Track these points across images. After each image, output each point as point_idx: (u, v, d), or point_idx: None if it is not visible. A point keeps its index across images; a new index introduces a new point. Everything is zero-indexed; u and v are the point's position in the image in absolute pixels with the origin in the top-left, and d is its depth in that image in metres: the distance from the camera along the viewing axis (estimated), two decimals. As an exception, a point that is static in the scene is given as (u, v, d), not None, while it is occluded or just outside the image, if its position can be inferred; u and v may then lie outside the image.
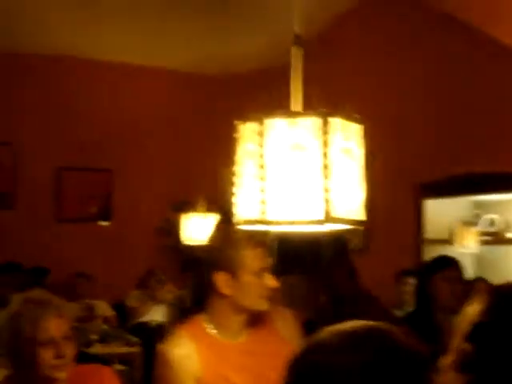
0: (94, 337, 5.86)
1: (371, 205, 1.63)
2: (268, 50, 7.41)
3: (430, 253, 6.11)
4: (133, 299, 6.81)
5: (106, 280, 6.92)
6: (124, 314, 6.81)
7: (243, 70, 7.83)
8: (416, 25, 6.26)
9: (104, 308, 6.77)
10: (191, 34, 6.92)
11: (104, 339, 6.02)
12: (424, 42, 6.16)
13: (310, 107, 1.61)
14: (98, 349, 5.52)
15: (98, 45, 7.19)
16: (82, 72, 7.47)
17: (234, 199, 1.62)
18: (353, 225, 1.60)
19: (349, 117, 1.61)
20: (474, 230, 6.51)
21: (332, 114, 1.56)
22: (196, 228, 5.78)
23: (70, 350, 2.14)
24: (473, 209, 6.75)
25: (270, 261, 2.15)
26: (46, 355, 2.11)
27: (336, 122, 1.57)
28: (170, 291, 6.83)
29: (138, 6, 6.46)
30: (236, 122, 1.62)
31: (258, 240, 2.10)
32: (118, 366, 5.02)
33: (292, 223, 1.55)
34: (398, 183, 6.23)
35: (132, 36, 7.05)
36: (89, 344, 5.51)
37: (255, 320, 2.22)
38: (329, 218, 1.52)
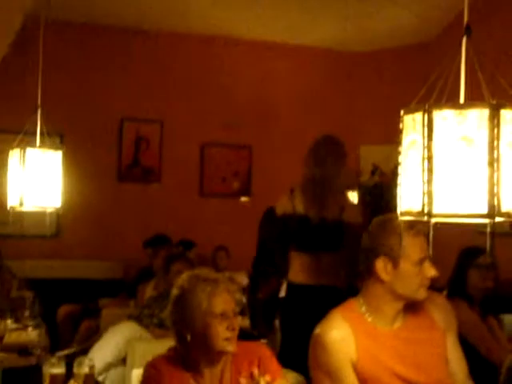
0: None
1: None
2: (411, 27, 7.28)
3: None
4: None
5: (244, 253, 7.08)
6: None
7: (387, 46, 7.75)
8: None
9: (244, 280, 6.93)
10: (336, 10, 6.88)
11: (243, 311, 6.15)
12: None
13: (478, 98, 1.58)
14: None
15: (240, 24, 7.32)
16: (225, 51, 7.63)
17: (398, 190, 1.62)
18: (519, 219, 1.56)
19: (518, 108, 1.56)
20: None
21: (501, 106, 1.52)
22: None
23: (237, 325, 2.25)
24: None
25: (430, 250, 2.14)
26: (220, 327, 2.22)
27: (505, 114, 1.53)
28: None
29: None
30: (402, 111, 1.61)
31: (419, 229, 2.10)
32: (262, 340, 5.12)
33: (457, 216, 1.53)
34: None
35: (276, 13, 7.10)
36: (231, 316, 5.65)
37: (410, 307, 2.23)
38: (495, 212, 1.50)
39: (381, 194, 7.21)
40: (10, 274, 5.57)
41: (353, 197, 6.50)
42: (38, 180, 2.92)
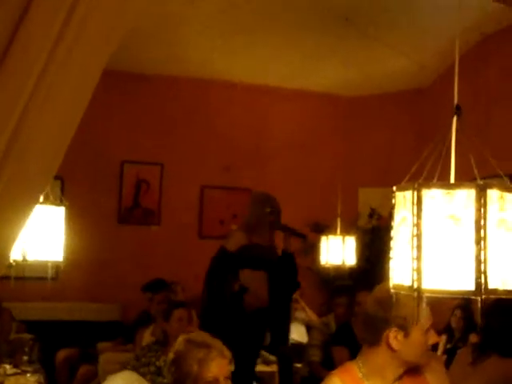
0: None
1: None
2: (409, 73, 7.42)
3: None
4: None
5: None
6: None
7: (385, 91, 7.89)
8: None
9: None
10: (335, 56, 7.01)
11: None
12: None
13: (466, 176, 1.65)
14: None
15: (240, 68, 7.44)
16: (224, 95, 7.76)
17: (390, 263, 1.68)
18: (506, 295, 1.62)
19: (505, 187, 1.62)
20: None
21: (489, 186, 1.58)
22: (333, 250, 5.82)
23: None
24: None
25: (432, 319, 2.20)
26: None
27: (492, 194, 1.59)
28: (303, 310, 6.93)
29: (279, 31, 6.63)
30: (394, 188, 1.67)
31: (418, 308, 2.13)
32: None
33: (445, 293, 1.59)
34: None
35: (276, 58, 7.23)
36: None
37: (406, 370, 2.27)
38: (482, 290, 1.55)
39: (379, 237, 7.25)
40: (10, 316, 5.59)
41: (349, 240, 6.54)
42: (41, 234, 2.98)
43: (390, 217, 1.67)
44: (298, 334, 6.57)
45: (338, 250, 5.84)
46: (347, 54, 6.88)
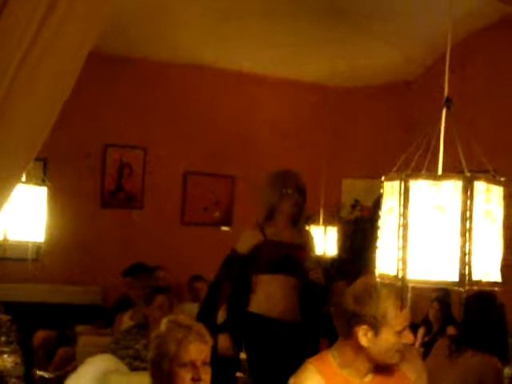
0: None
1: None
2: (396, 65, 7.42)
3: None
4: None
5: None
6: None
7: (372, 83, 7.88)
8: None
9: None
10: (325, 46, 6.99)
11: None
12: None
13: (454, 167, 1.65)
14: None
15: (229, 55, 7.41)
16: (211, 82, 7.71)
17: (376, 252, 1.68)
18: (490, 287, 1.62)
19: (492, 180, 1.63)
20: None
21: (476, 178, 1.59)
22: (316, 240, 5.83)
23: (206, 375, 2.27)
24: None
25: (410, 318, 2.19)
26: (186, 377, 2.24)
27: (479, 186, 1.59)
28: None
29: (269, 20, 6.60)
30: (383, 178, 1.67)
31: (402, 298, 2.12)
32: (238, 373, 5.14)
33: (429, 283, 1.60)
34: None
35: (265, 47, 7.20)
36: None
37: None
38: (466, 281, 1.56)
39: (362, 228, 7.28)
40: (-12, 297, 5.55)
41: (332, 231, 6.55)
42: (22, 214, 2.96)
43: (374, 208, 1.68)
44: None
45: (319, 240, 5.86)
46: (337, 45, 6.88)
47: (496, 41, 6.52)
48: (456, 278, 1.55)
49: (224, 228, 7.78)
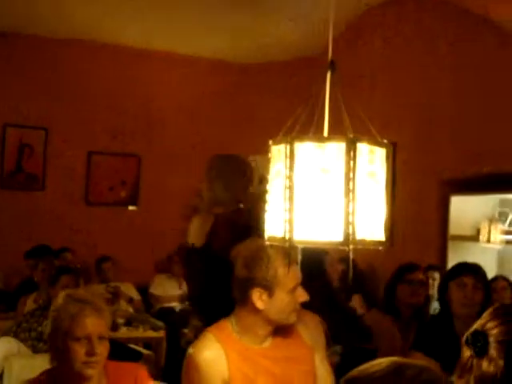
0: (121, 320, 5.93)
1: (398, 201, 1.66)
2: (298, 41, 7.49)
3: (455, 249, 6.18)
4: (158, 286, 6.95)
5: (130, 264, 7.04)
6: (147, 299, 6.94)
7: (275, 59, 7.93)
8: (449, 25, 6.22)
9: (130, 290, 6.87)
10: (228, 23, 6.96)
11: (130, 323, 6.10)
12: (457, 42, 6.12)
13: (339, 130, 1.67)
14: (124, 332, 5.62)
15: (130, 32, 7.29)
16: (114, 60, 7.58)
17: (265, 216, 1.69)
18: (374, 246, 1.66)
19: (375, 141, 1.66)
20: (500, 227, 6.52)
21: (358, 140, 1.62)
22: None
23: (102, 350, 2.23)
24: (498, 206, 6.75)
25: (301, 276, 2.22)
26: (79, 350, 2.20)
27: (362, 148, 1.62)
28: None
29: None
30: (269, 142, 1.68)
31: (293, 257, 2.16)
32: (144, 351, 5.11)
33: (315, 244, 1.62)
34: (425, 179, 6.26)
35: (167, 23, 7.12)
36: (115, 327, 5.60)
37: (280, 326, 2.31)
38: (349, 241, 1.59)
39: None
40: None
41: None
42: None
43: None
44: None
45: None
46: (239, 21, 6.87)
47: (391, 16, 6.70)
48: (340, 238, 1.58)
49: (131, 207, 7.70)
